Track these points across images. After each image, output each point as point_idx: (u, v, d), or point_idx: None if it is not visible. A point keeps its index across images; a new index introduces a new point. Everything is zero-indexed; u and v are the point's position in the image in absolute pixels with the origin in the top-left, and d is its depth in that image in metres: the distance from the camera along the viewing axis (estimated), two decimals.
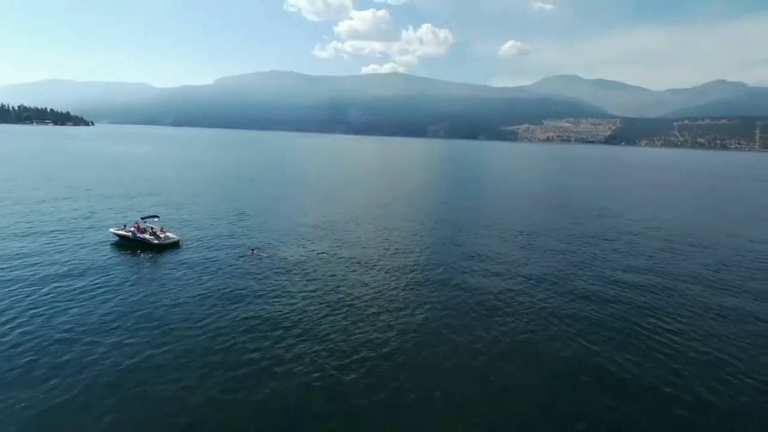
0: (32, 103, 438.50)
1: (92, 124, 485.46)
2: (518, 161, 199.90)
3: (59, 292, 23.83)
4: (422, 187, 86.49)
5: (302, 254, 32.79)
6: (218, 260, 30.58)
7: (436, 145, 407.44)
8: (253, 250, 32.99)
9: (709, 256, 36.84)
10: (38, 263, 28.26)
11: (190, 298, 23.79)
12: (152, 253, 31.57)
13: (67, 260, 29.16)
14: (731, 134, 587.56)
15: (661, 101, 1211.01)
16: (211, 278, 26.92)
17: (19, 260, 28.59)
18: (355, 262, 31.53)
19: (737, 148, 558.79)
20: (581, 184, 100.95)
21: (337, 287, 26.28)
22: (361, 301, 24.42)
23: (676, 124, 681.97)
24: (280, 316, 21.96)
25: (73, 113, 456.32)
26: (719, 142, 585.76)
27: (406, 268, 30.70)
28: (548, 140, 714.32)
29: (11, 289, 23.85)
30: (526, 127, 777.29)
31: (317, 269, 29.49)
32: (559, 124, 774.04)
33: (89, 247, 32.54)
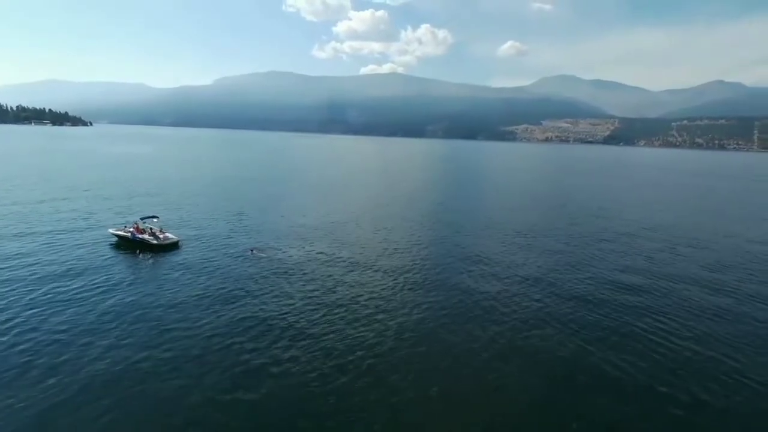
0: (31, 103, 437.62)
1: (90, 124, 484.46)
2: (517, 161, 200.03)
3: (57, 292, 23.82)
4: (421, 187, 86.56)
5: (301, 254, 32.82)
6: (217, 260, 30.61)
7: (434, 145, 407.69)
8: (252, 250, 33.02)
9: (707, 256, 36.95)
10: (36, 263, 28.23)
11: (188, 298, 23.81)
12: (151, 253, 31.56)
13: (65, 261, 29.13)
14: (729, 134, 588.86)
15: (659, 101, 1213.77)
16: (210, 279, 26.94)
17: (17, 260, 28.55)
18: (353, 262, 31.57)
19: (735, 148, 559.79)
20: (579, 184, 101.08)
21: (334, 287, 26.32)
22: (358, 301, 24.45)
23: (674, 124, 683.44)
24: (278, 316, 22.00)
25: (71, 113, 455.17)
26: (717, 142, 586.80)
27: (403, 268, 30.75)
28: (547, 140, 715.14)
29: (9, 289, 23.83)
30: (524, 127, 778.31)
31: (315, 269, 29.53)
32: (557, 124, 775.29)
33: (88, 247, 32.50)
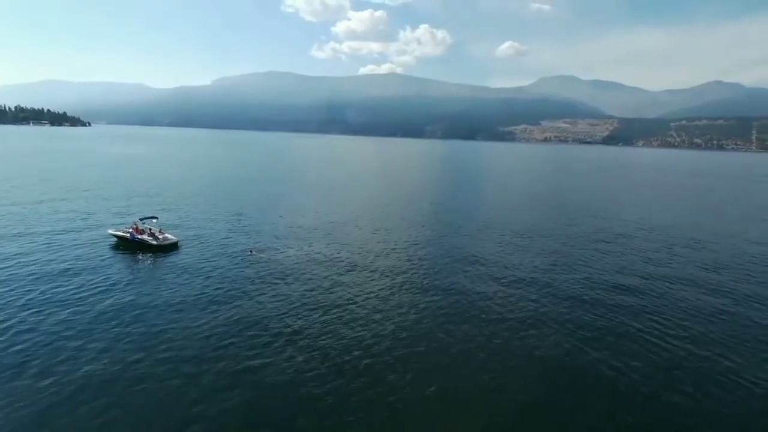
0: (30, 103, 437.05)
1: (89, 124, 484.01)
2: (515, 162, 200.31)
3: (56, 292, 23.81)
4: (420, 187, 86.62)
5: (300, 255, 32.84)
6: (216, 261, 30.61)
7: (433, 145, 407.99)
8: (251, 250, 33.04)
9: (705, 256, 37.05)
10: (35, 264, 28.21)
11: (187, 298, 23.81)
12: (151, 254, 31.55)
13: (64, 261, 29.11)
14: (728, 135, 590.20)
15: (658, 102, 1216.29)
16: (209, 279, 26.95)
17: (15, 261, 28.53)
18: (352, 262, 31.60)
19: (734, 148, 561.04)
20: (578, 184, 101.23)
21: (333, 288, 26.35)
22: (356, 301, 24.49)
23: (673, 124, 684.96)
24: (276, 316, 22.03)
25: (70, 114, 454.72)
26: (716, 142, 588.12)
27: (402, 268, 30.79)
28: (546, 141, 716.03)
29: (8, 289, 23.81)
30: (523, 127, 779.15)
31: (314, 270, 29.55)
32: (556, 124, 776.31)
33: (87, 247, 32.48)
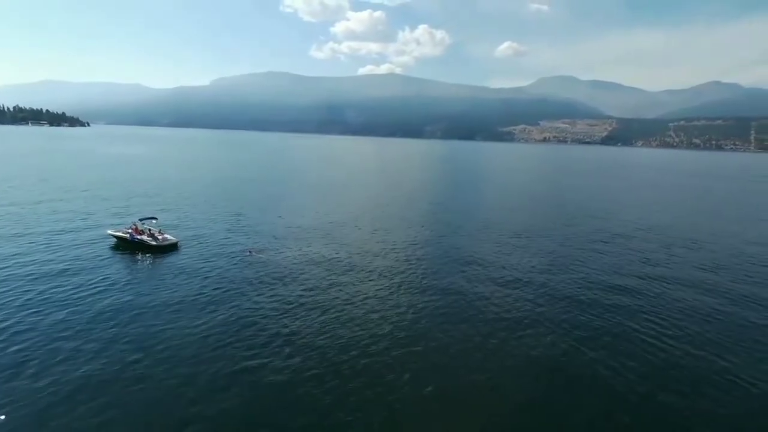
0: (29, 103, 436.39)
1: (88, 124, 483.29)
2: (514, 162, 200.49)
3: (55, 292, 23.77)
4: (419, 187, 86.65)
5: (298, 255, 32.83)
6: (216, 261, 30.58)
7: (433, 146, 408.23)
8: (250, 251, 33.03)
9: (703, 257, 37.12)
10: (34, 264, 28.16)
11: (186, 299, 23.80)
12: (150, 254, 31.51)
13: (63, 261, 29.06)
14: (726, 135, 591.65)
15: (657, 102, 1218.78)
16: (208, 279, 26.92)
17: (14, 261, 28.48)
18: (350, 263, 31.60)
19: (732, 148, 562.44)
20: (576, 185, 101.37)
21: (331, 288, 26.35)
22: (354, 302, 24.49)
23: (671, 124, 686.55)
24: (275, 316, 22.02)
25: (69, 114, 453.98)
26: (714, 142, 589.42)
27: (400, 268, 30.80)
28: (545, 141, 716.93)
29: (7, 289, 23.77)
30: (522, 127, 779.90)
31: (313, 270, 29.55)
32: (555, 124, 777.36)
33: (86, 248, 32.43)
